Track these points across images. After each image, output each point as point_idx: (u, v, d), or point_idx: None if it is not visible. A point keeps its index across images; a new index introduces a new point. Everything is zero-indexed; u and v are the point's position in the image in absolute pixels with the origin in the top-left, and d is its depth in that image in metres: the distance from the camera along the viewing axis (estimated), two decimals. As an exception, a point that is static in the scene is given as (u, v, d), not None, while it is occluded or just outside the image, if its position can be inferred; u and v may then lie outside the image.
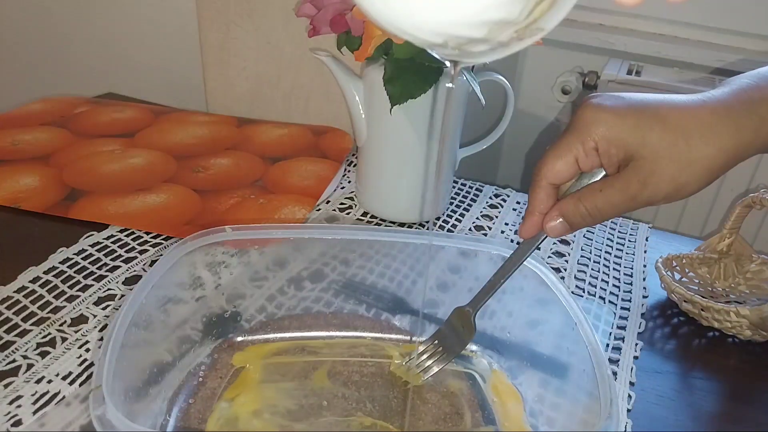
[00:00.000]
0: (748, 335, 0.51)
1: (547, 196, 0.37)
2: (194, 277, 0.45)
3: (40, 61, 1.16)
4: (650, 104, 0.34)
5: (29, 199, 0.62)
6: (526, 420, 0.42)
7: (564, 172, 0.36)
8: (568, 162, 0.36)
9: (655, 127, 0.33)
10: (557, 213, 0.37)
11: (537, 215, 0.38)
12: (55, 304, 0.49)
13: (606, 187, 0.35)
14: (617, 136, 0.34)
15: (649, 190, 0.33)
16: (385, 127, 0.60)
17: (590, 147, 0.35)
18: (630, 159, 0.34)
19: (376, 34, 0.51)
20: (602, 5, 1.11)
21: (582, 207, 0.36)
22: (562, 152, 0.36)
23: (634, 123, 0.33)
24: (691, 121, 0.33)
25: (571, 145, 0.35)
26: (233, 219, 0.62)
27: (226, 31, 0.84)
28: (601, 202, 0.35)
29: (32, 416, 0.40)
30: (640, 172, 0.33)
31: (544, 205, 0.37)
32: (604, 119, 0.34)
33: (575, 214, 0.36)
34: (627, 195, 0.34)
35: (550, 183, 0.37)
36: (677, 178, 0.33)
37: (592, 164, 0.36)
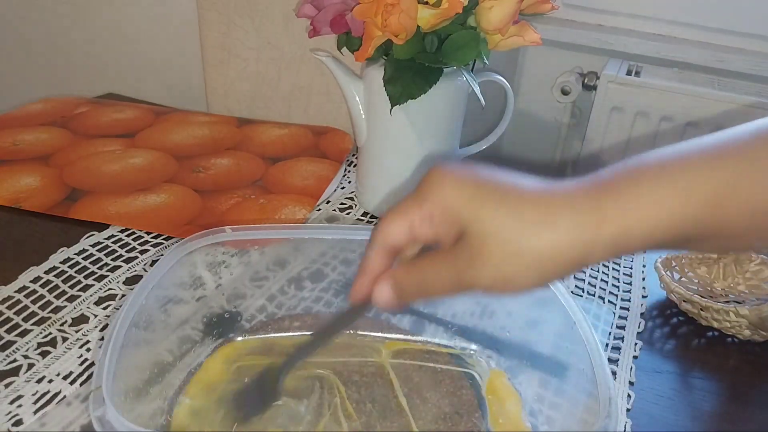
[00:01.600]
0: (748, 335, 0.51)
1: (380, 259, 0.34)
2: (195, 277, 0.46)
3: (41, 61, 1.16)
4: (495, 180, 0.31)
5: (30, 199, 0.62)
6: (526, 419, 0.42)
7: (398, 235, 0.32)
8: (402, 226, 0.32)
9: (490, 205, 0.30)
10: (386, 279, 0.33)
11: (368, 275, 0.34)
12: (56, 303, 0.49)
13: (437, 259, 0.32)
14: (452, 205, 0.30)
15: (473, 272, 0.30)
16: (385, 127, 0.60)
17: (426, 214, 0.31)
18: (463, 233, 0.30)
19: (376, 34, 0.51)
20: (602, 5, 1.11)
21: (412, 276, 0.33)
22: (398, 215, 0.32)
23: (471, 195, 0.30)
24: (529, 206, 0.29)
25: (410, 207, 0.32)
26: (233, 219, 0.62)
27: (227, 32, 0.84)
28: (430, 274, 0.32)
29: (33, 416, 0.40)
30: (468, 249, 0.30)
31: (377, 267, 0.34)
32: (443, 186, 0.31)
33: (404, 283, 0.33)
34: (454, 271, 0.31)
35: (385, 244, 0.33)
36: (501, 267, 0.29)
37: (427, 233, 0.32)
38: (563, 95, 1.13)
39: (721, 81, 1.03)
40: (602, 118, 1.07)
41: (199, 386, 0.42)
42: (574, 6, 1.12)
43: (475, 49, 0.53)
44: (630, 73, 1.05)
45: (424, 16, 0.50)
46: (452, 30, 0.53)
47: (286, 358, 0.38)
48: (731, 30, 1.05)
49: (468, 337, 0.49)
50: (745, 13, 1.03)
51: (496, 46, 0.54)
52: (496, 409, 0.43)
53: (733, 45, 1.06)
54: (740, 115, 0.98)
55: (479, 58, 0.55)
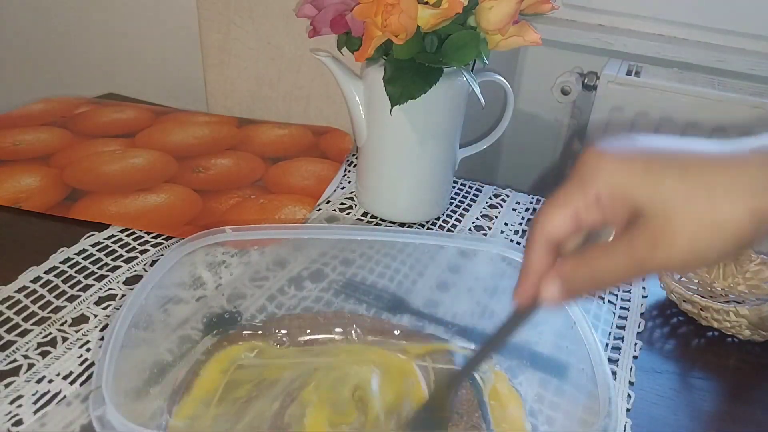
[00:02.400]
0: (747, 335, 0.51)
1: (545, 254, 0.31)
2: (195, 277, 0.46)
3: (41, 61, 1.16)
4: (666, 149, 0.28)
5: (30, 199, 0.62)
6: (527, 423, 0.42)
7: (562, 227, 0.30)
8: (567, 215, 0.30)
9: (669, 176, 0.27)
10: (555, 275, 0.31)
11: (533, 276, 0.32)
12: (56, 303, 0.49)
13: (611, 248, 0.29)
14: (622, 185, 0.28)
15: (661, 254, 0.27)
16: (385, 127, 0.60)
17: (591, 197, 0.29)
18: (639, 214, 0.28)
19: (376, 34, 0.51)
20: (602, 5, 1.11)
21: (584, 269, 0.30)
22: (560, 204, 0.30)
23: (643, 170, 0.27)
24: (716, 171, 0.27)
25: (570, 196, 0.30)
26: (234, 219, 0.62)
27: (227, 32, 0.84)
28: (604, 265, 0.29)
29: (33, 416, 0.40)
30: (649, 230, 0.27)
31: (541, 265, 0.31)
32: (607, 166, 0.28)
33: (574, 279, 0.30)
34: (633, 259, 0.28)
35: (547, 239, 0.31)
36: (696, 241, 0.26)
37: (595, 219, 0.29)
38: (563, 95, 1.13)
39: (721, 81, 1.03)
40: (602, 118, 1.07)
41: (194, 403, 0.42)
42: (574, 6, 1.12)
43: (475, 49, 0.53)
44: (630, 73, 1.05)
45: (424, 16, 0.50)
46: (452, 30, 0.53)
47: (456, 374, 0.38)
48: (731, 30, 1.05)
49: (468, 337, 0.49)
50: (745, 13, 1.03)
51: (496, 46, 0.54)
52: (498, 414, 0.43)
53: (733, 45, 1.06)
54: (740, 115, 0.98)
55: (479, 58, 0.55)
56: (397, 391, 0.42)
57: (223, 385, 0.42)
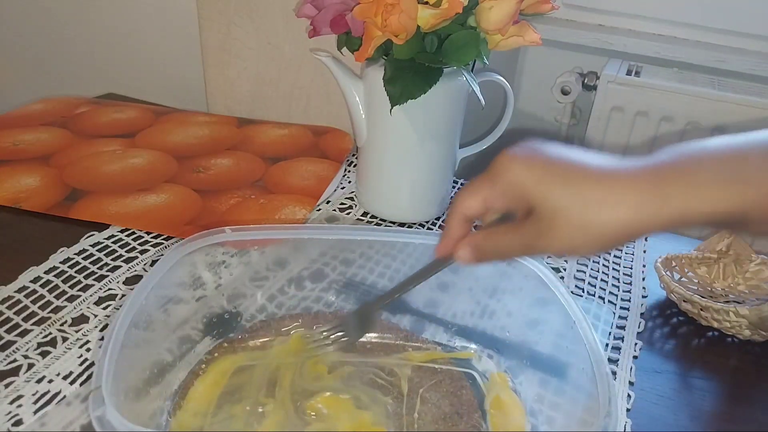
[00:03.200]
0: (747, 335, 0.51)
1: (459, 226, 0.39)
2: (195, 277, 0.46)
3: (41, 61, 1.16)
4: (562, 161, 0.35)
5: (30, 199, 0.62)
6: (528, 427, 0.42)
7: (474, 208, 0.38)
8: (477, 200, 0.38)
9: (557, 184, 0.34)
10: (467, 242, 0.39)
11: (449, 239, 0.40)
12: (56, 303, 0.49)
13: (510, 231, 0.37)
14: (522, 186, 0.35)
15: (543, 243, 0.35)
16: (385, 127, 0.60)
17: (498, 191, 0.37)
18: (533, 210, 0.35)
19: (376, 34, 0.51)
20: (602, 5, 1.11)
21: (489, 242, 0.38)
22: (473, 191, 0.38)
23: (539, 176, 0.34)
24: (594, 185, 0.33)
25: (482, 186, 0.37)
26: (234, 219, 0.62)
27: (227, 32, 0.84)
28: (503, 243, 0.37)
29: (33, 416, 0.40)
30: (537, 224, 0.35)
31: (456, 233, 0.39)
32: (513, 168, 0.35)
33: (481, 247, 0.39)
34: (524, 243, 0.36)
35: (462, 214, 0.39)
36: (569, 239, 0.34)
37: (500, 206, 0.37)
38: (563, 95, 1.13)
39: (721, 81, 1.04)
40: (602, 118, 1.07)
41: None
42: (574, 6, 1.12)
43: (475, 49, 0.53)
44: (630, 73, 1.05)
45: (424, 16, 0.50)
46: (452, 30, 0.53)
47: (382, 295, 0.44)
48: (731, 30, 1.05)
49: (468, 337, 0.49)
50: (745, 13, 1.03)
51: (496, 46, 0.54)
52: (499, 422, 0.42)
53: (733, 45, 1.06)
54: (740, 115, 0.98)
55: (479, 58, 0.55)
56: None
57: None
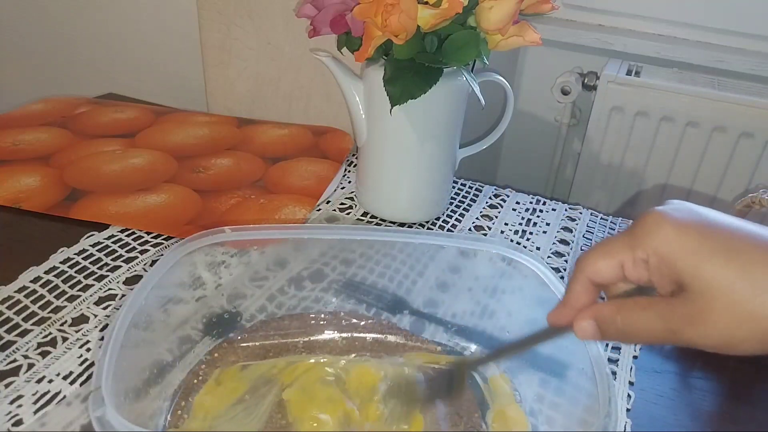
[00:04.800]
0: (748, 335, 0.51)
1: (585, 293, 0.33)
2: (195, 277, 0.46)
3: (41, 61, 1.16)
4: (724, 230, 0.28)
5: (30, 199, 0.62)
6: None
7: (605, 273, 0.31)
8: (612, 265, 0.31)
9: (718, 260, 0.27)
10: (591, 315, 0.32)
11: (569, 307, 0.33)
12: (56, 303, 0.49)
13: (650, 308, 0.29)
14: (671, 255, 0.28)
15: (694, 333, 0.28)
16: (385, 127, 0.60)
17: (640, 257, 0.30)
18: (683, 287, 0.28)
19: (376, 34, 0.51)
20: (602, 5, 1.11)
21: (618, 319, 0.31)
22: (609, 252, 0.31)
23: (696, 246, 0.28)
24: (763, 265, 0.26)
25: (621, 248, 0.31)
26: (234, 219, 0.62)
27: (227, 32, 0.84)
28: (640, 322, 0.30)
29: (33, 416, 0.40)
30: (689, 306, 0.28)
31: (579, 300, 0.33)
32: (663, 232, 0.29)
33: (609, 324, 0.31)
34: (668, 327, 0.29)
35: (588, 278, 0.32)
36: (730, 330, 0.27)
37: (640, 276, 0.30)
38: (563, 95, 1.13)
39: (721, 81, 1.04)
40: (602, 118, 1.07)
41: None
42: (574, 6, 1.12)
43: (475, 49, 0.53)
44: (630, 73, 1.05)
45: (424, 16, 0.50)
46: (452, 30, 0.53)
47: (479, 357, 0.42)
48: (731, 30, 1.05)
49: (468, 337, 0.49)
50: (745, 13, 1.03)
51: (496, 46, 0.54)
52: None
53: (733, 45, 1.06)
54: (740, 115, 0.98)
55: (479, 58, 0.55)
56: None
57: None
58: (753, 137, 0.99)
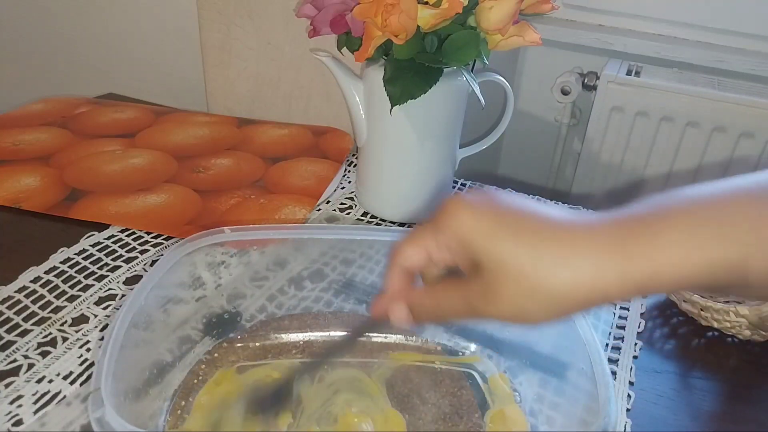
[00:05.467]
0: (748, 335, 0.51)
1: (398, 279, 0.34)
2: (194, 277, 0.46)
3: (41, 61, 1.16)
4: (516, 212, 0.30)
5: (30, 199, 0.62)
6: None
7: (414, 259, 0.33)
8: (419, 251, 0.33)
9: (507, 239, 0.29)
10: (404, 300, 0.34)
11: (387, 297, 0.35)
12: (56, 303, 0.49)
13: (453, 290, 0.32)
14: (468, 237, 0.30)
15: (491, 307, 0.30)
16: (385, 127, 0.60)
17: (442, 242, 0.32)
18: (479, 267, 0.30)
19: (376, 34, 0.51)
20: (602, 5, 1.11)
21: (427, 302, 0.33)
22: (415, 240, 0.33)
23: (488, 228, 0.30)
24: (549, 240, 0.28)
25: (425, 235, 0.33)
26: (234, 219, 0.62)
27: (227, 32, 0.84)
28: (445, 302, 0.32)
29: (33, 416, 0.40)
30: (481, 283, 0.30)
31: (394, 287, 0.35)
32: (459, 218, 0.31)
33: (419, 307, 0.34)
34: (468, 304, 0.31)
35: (400, 267, 0.34)
36: (518, 302, 0.29)
37: (445, 259, 0.33)
38: (563, 95, 1.13)
39: (721, 81, 1.04)
40: (602, 118, 1.07)
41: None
42: (574, 6, 1.12)
43: (475, 49, 0.53)
44: (630, 73, 1.05)
45: (424, 16, 0.50)
46: (452, 30, 0.53)
47: (302, 364, 0.40)
48: (731, 30, 1.05)
49: (468, 337, 0.49)
50: (745, 13, 1.03)
51: (496, 46, 0.54)
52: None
53: (733, 45, 1.06)
54: (740, 115, 0.98)
55: (479, 58, 0.55)
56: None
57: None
58: (753, 137, 0.99)
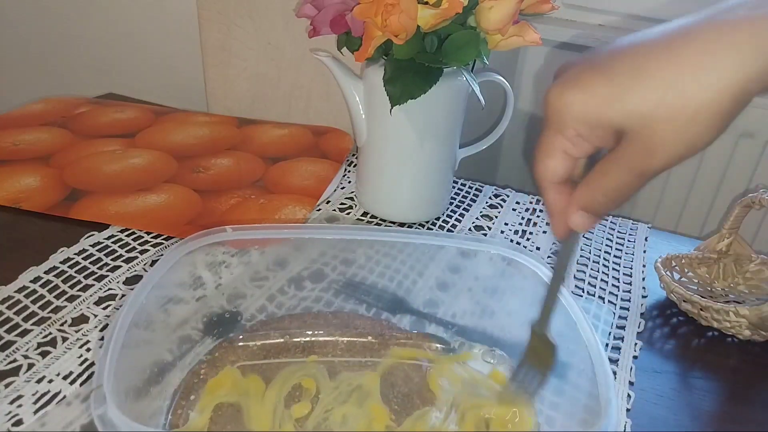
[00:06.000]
0: (747, 335, 0.51)
1: (558, 194, 0.34)
2: (195, 277, 0.46)
3: (41, 61, 1.16)
4: (620, 56, 0.29)
5: (30, 199, 0.62)
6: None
7: (559, 167, 0.33)
8: (558, 158, 0.32)
9: (634, 88, 0.28)
10: (575, 207, 0.33)
11: (557, 214, 0.34)
12: (56, 303, 0.49)
13: (611, 168, 0.30)
14: (594, 115, 0.29)
15: (659, 157, 0.28)
16: (385, 127, 0.60)
17: (572, 135, 0.31)
18: (623, 132, 0.29)
19: (376, 34, 0.51)
20: (602, 5, 1.11)
21: (596, 194, 0.32)
22: (547, 150, 0.32)
23: (608, 93, 0.28)
24: (676, 64, 0.27)
25: (552, 139, 0.32)
26: (234, 219, 0.62)
27: (227, 32, 0.84)
28: (612, 182, 0.31)
29: (33, 416, 0.40)
30: (639, 143, 0.29)
31: (558, 203, 0.34)
32: (572, 102, 0.29)
33: (591, 202, 0.32)
34: (636, 170, 0.30)
35: (551, 182, 0.33)
36: (683, 136, 0.28)
37: (585, 149, 0.32)
38: (563, 95, 1.13)
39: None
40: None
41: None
42: (574, 6, 1.12)
43: (475, 49, 0.53)
44: (630, 73, 1.05)
45: (424, 16, 0.50)
46: (452, 30, 0.53)
47: (541, 315, 0.40)
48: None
49: (468, 337, 0.49)
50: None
51: (496, 46, 0.54)
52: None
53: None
54: (740, 115, 0.98)
55: (479, 58, 0.55)
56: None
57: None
58: (753, 137, 0.99)
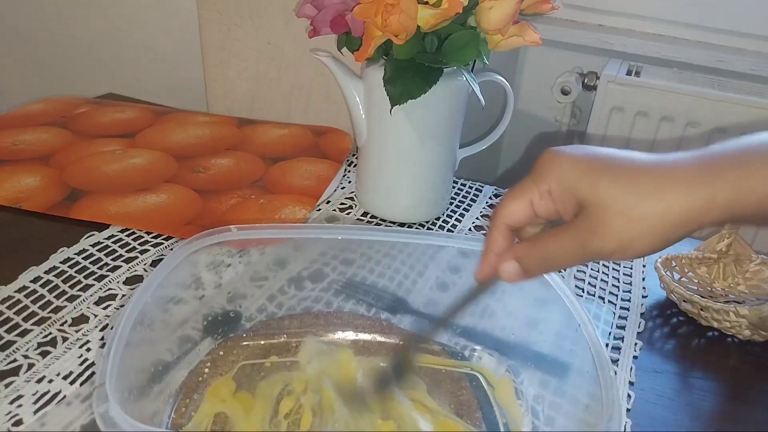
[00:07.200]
0: (747, 335, 0.51)
1: (503, 238, 0.36)
2: (195, 277, 0.46)
3: (41, 61, 1.16)
4: (607, 156, 0.34)
5: (30, 199, 0.62)
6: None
7: (519, 213, 0.36)
8: (523, 204, 0.35)
9: (605, 176, 0.32)
10: (511, 256, 0.36)
11: (492, 255, 0.37)
12: (56, 303, 0.49)
13: (559, 233, 0.34)
14: (569, 181, 0.33)
15: (598, 241, 0.32)
16: (385, 127, 0.60)
17: (544, 190, 0.35)
18: (582, 206, 0.33)
19: (376, 34, 0.51)
20: (602, 5, 1.11)
21: (536, 251, 0.35)
22: (518, 194, 0.35)
23: (586, 170, 0.33)
24: (644, 177, 0.32)
25: (526, 187, 0.35)
26: (234, 219, 0.62)
27: (227, 32, 0.84)
28: (554, 247, 0.34)
29: (33, 416, 0.40)
30: (589, 219, 0.32)
31: (500, 247, 0.37)
32: (558, 164, 0.34)
33: (529, 258, 0.36)
34: (577, 242, 0.33)
35: (506, 224, 0.36)
36: (622, 232, 0.32)
37: (548, 209, 0.35)
38: (563, 95, 1.13)
39: (721, 81, 1.04)
40: (602, 118, 1.07)
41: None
42: (574, 6, 1.12)
43: (475, 49, 0.53)
44: (630, 73, 1.05)
45: (424, 16, 0.50)
46: (452, 30, 0.53)
47: (416, 336, 0.42)
48: (731, 30, 1.05)
49: (469, 338, 0.49)
50: (745, 13, 1.03)
51: (496, 46, 0.54)
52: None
53: (733, 45, 1.06)
54: (740, 115, 0.98)
55: (479, 58, 0.55)
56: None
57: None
58: (753, 137, 0.99)
